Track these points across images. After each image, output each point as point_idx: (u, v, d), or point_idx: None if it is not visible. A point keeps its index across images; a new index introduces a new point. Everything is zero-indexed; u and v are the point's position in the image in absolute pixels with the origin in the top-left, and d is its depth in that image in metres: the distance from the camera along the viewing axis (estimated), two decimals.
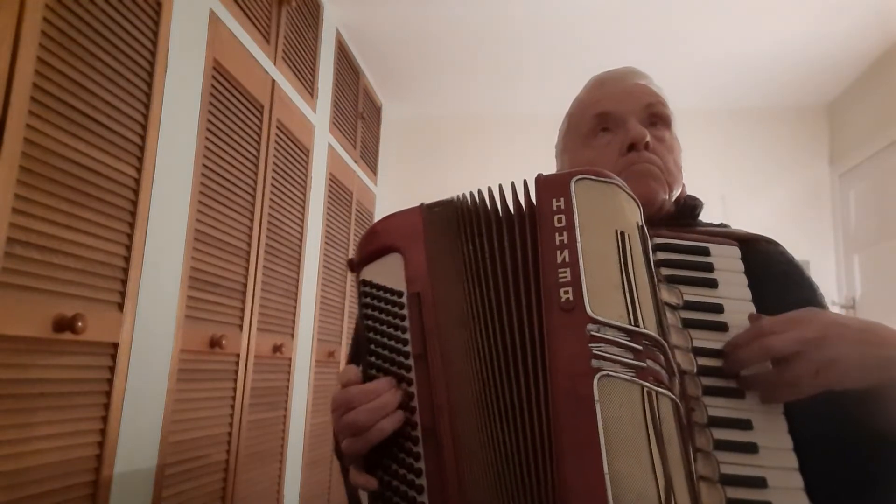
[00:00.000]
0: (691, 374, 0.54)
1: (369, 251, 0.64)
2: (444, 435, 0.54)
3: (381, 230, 0.65)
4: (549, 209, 0.55)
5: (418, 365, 0.57)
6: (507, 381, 0.53)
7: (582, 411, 0.47)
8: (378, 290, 0.62)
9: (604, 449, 0.45)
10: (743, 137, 3.33)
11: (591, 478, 0.45)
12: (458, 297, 0.58)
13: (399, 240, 0.63)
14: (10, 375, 0.99)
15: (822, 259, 3.14)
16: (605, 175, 0.57)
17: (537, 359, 0.51)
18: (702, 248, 0.61)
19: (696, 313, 0.57)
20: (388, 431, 0.56)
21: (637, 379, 0.48)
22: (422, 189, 3.48)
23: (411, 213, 0.64)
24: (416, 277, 0.60)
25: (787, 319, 0.54)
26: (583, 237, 0.53)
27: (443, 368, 0.56)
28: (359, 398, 0.57)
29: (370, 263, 0.64)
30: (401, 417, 0.56)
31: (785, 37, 2.68)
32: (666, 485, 0.45)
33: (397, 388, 0.57)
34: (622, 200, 0.57)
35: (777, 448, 0.52)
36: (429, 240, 0.62)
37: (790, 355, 0.52)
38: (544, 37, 2.78)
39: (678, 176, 0.79)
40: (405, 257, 0.62)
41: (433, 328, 0.58)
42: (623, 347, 0.49)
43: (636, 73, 0.84)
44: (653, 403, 0.47)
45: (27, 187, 1.00)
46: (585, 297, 0.50)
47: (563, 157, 0.88)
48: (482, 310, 0.57)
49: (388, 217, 0.66)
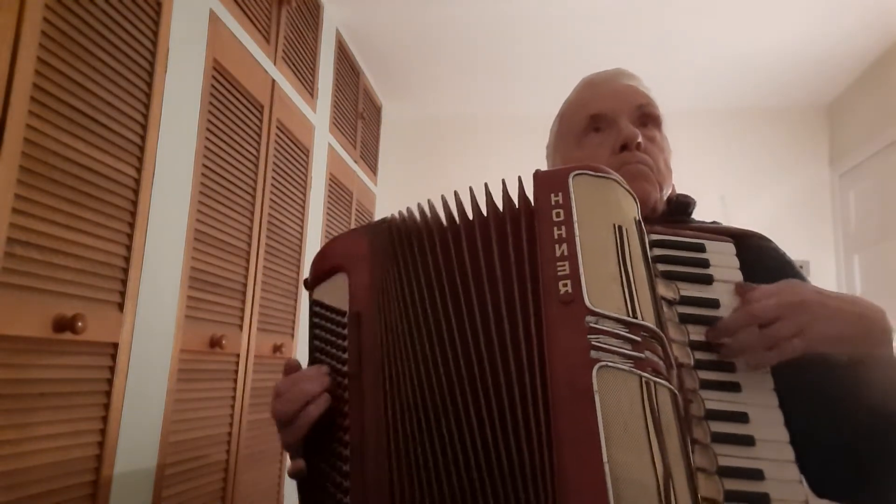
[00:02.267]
0: (688, 368, 0.55)
1: (320, 271, 0.67)
2: (369, 454, 0.56)
3: (329, 251, 0.67)
4: (548, 204, 0.56)
5: (353, 384, 0.59)
6: (489, 378, 0.53)
7: (581, 402, 0.47)
8: (325, 310, 0.65)
9: (603, 439, 0.45)
10: (743, 137, 3.33)
11: (590, 467, 0.45)
12: (411, 309, 0.59)
13: (344, 260, 0.65)
14: (10, 375, 0.99)
15: (822, 259, 3.14)
16: (603, 170, 0.58)
17: (533, 350, 0.51)
18: (697, 245, 0.61)
19: (692, 308, 0.58)
20: (314, 416, 0.58)
21: (636, 369, 0.48)
22: (422, 189, 3.47)
23: (357, 232, 0.67)
24: (358, 297, 0.62)
25: (770, 288, 0.56)
26: (581, 231, 0.54)
27: (376, 387, 0.58)
28: (286, 386, 0.59)
29: (321, 283, 0.66)
30: (326, 400, 0.58)
31: (785, 37, 2.68)
32: (665, 474, 0.45)
33: (326, 375, 0.60)
34: (620, 195, 0.57)
35: (773, 440, 0.53)
36: (374, 258, 0.63)
37: (772, 319, 0.54)
38: (544, 37, 2.78)
39: (668, 176, 0.80)
40: (349, 278, 0.64)
41: (372, 346, 0.60)
42: (621, 339, 0.49)
43: (626, 74, 0.85)
44: (651, 394, 0.48)
45: (27, 187, 1.00)
46: (584, 290, 0.51)
47: (554, 158, 0.89)
48: (443, 316, 0.57)
49: (337, 237, 0.68)
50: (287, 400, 0.59)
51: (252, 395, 1.83)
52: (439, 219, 0.62)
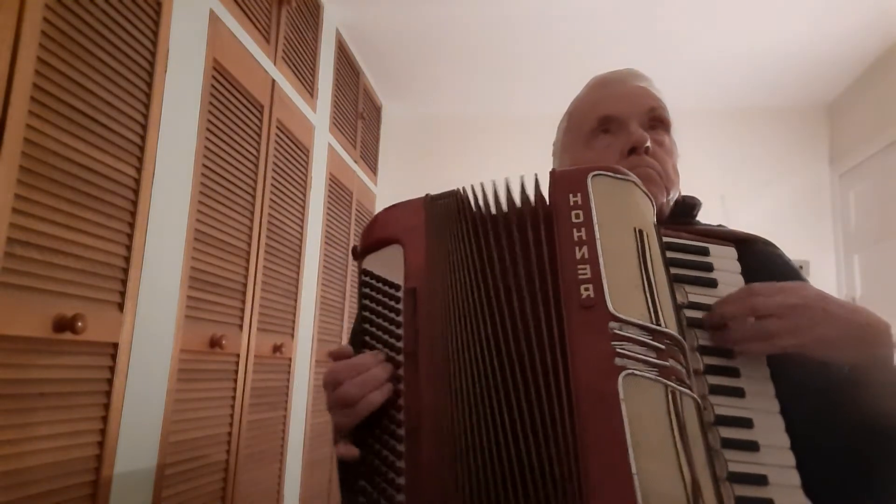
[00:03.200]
0: (699, 374, 0.54)
1: (372, 241, 0.64)
2: (424, 438, 0.54)
3: (383, 220, 0.64)
4: (566, 204, 0.55)
5: (409, 363, 0.57)
6: (519, 376, 0.52)
7: (607, 409, 0.46)
8: (377, 282, 0.62)
9: (630, 448, 0.45)
10: (743, 137, 3.33)
11: (618, 476, 0.44)
12: (461, 293, 0.57)
13: (400, 232, 0.62)
14: (10, 375, 0.99)
15: (822, 259, 3.13)
16: (621, 171, 0.57)
17: (556, 354, 0.51)
18: (701, 248, 0.61)
19: (698, 313, 0.57)
20: (377, 403, 0.56)
21: (661, 378, 0.48)
22: (422, 189, 3.44)
23: (414, 204, 0.64)
24: (415, 272, 0.59)
25: (775, 285, 0.56)
26: (602, 234, 0.53)
27: (433, 369, 0.56)
28: (347, 372, 0.57)
29: (372, 253, 0.63)
30: (390, 389, 0.56)
31: (785, 36, 2.68)
32: (693, 485, 0.45)
33: (386, 363, 0.58)
34: (638, 198, 0.56)
35: (776, 446, 0.52)
36: (430, 234, 0.61)
37: (769, 314, 0.54)
38: (545, 37, 2.78)
39: (676, 180, 0.80)
40: (405, 250, 0.61)
41: (428, 325, 0.57)
42: (646, 346, 0.49)
43: (638, 76, 0.84)
44: (677, 403, 0.47)
45: (27, 187, 1.00)
46: (607, 295, 0.50)
47: (562, 156, 0.88)
48: (487, 306, 0.56)
49: (392, 207, 0.65)
50: (354, 384, 0.56)
51: (252, 395, 1.83)
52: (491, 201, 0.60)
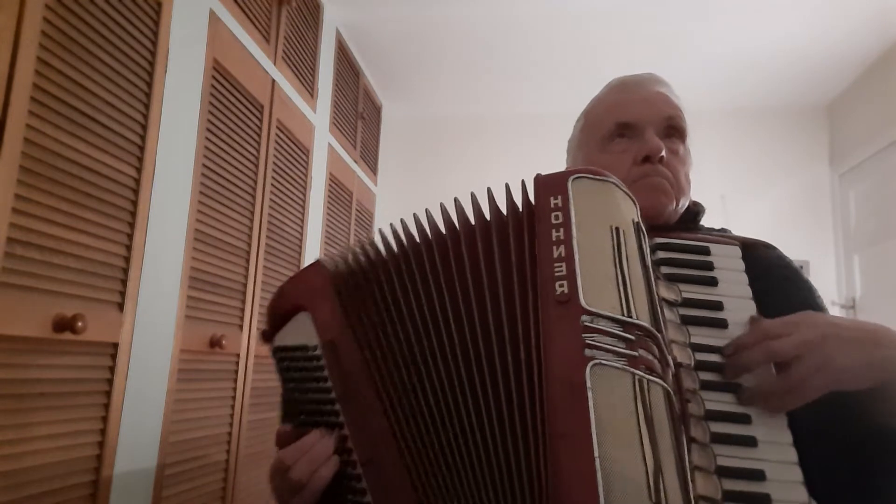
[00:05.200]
0: (688, 368, 0.55)
1: (278, 316, 0.66)
2: (386, 459, 0.56)
3: (285, 293, 0.67)
4: (548, 206, 0.57)
5: (345, 406, 0.59)
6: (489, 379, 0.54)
7: (574, 399, 0.48)
8: (293, 352, 0.64)
9: (595, 435, 0.46)
10: (743, 137, 3.33)
11: (581, 462, 0.46)
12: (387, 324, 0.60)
13: (303, 298, 0.65)
14: (10, 375, 0.99)
15: (822, 259, 3.14)
16: (602, 174, 0.59)
17: (531, 350, 0.52)
18: (702, 248, 0.62)
19: (695, 310, 0.58)
20: (326, 479, 0.57)
21: (629, 367, 0.49)
22: (422, 189, 3.48)
23: (311, 268, 0.67)
24: (328, 327, 0.62)
25: (788, 322, 0.55)
26: (578, 233, 0.55)
27: (372, 399, 0.58)
28: (292, 457, 0.58)
29: (281, 329, 0.66)
30: (336, 462, 0.58)
31: (785, 36, 2.68)
32: (655, 470, 0.46)
33: (328, 435, 0.59)
34: (618, 198, 0.58)
35: (776, 442, 0.53)
36: (336, 287, 0.64)
37: (792, 359, 0.53)
38: (545, 37, 2.78)
39: (687, 189, 0.81)
40: (313, 313, 0.64)
41: (356, 365, 0.60)
42: (615, 337, 0.50)
43: (658, 81, 0.84)
44: (644, 391, 0.48)
45: (27, 187, 1.00)
46: (580, 290, 0.52)
47: (576, 153, 0.89)
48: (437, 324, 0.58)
49: (290, 279, 0.68)
50: (301, 465, 0.57)
51: (252, 395, 1.83)
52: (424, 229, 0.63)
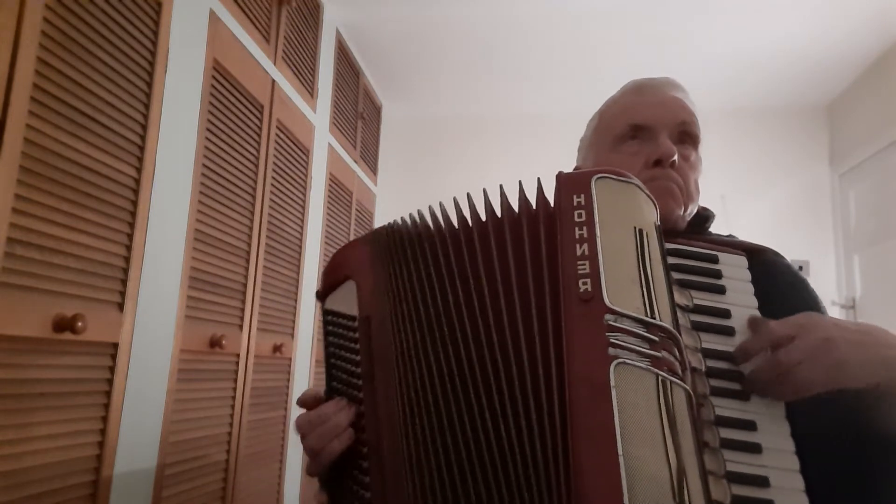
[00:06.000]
0: (700, 373, 0.56)
1: (330, 281, 0.69)
2: (385, 449, 0.57)
3: (337, 259, 0.70)
4: (570, 205, 0.57)
5: (366, 384, 0.61)
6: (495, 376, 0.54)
7: (598, 397, 0.48)
8: (337, 318, 0.67)
9: (618, 433, 0.46)
10: (742, 137, 3.33)
11: (605, 460, 0.46)
12: (416, 311, 0.60)
13: (351, 269, 0.68)
14: (10, 375, 0.99)
15: (822, 259, 3.14)
16: (625, 175, 0.59)
17: (549, 347, 0.52)
18: (711, 256, 0.62)
19: (704, 317, 0.59)
20: (337, 452, 0.60)
21: (652, 368, 0.49)
22: (422, 189, 3.48)
23: (360, 240, 0.69)
24: (366, 302, 0.64)
25: (791, 323, 0.56)
26: (602, 232, 0.55)
27: (388, 385, 0.59)
28: (309, 426, 0.62)
29: (332, 293, 0.69)
30: (350, 436, 0.60)
31: (785, 36, 2.68)
32: (679, 470, 0.46)
33: (348, 407, 0.61)
34: (641, 200, 0.58)
35: (780, 450, 0.53)
36: (375, 265, 0.66)
37: (796, 362, 0.54)
38: (545, 37, 2.78)
39: (696, 196, 0.81)
40: (357, 284, 0.66)
41: (382, 348, 0.61)
42: (639, 338, 0.50)
43: (674, 85, 0.85)
44: (667, 392, 0.48)
45: (27, 187, 1.00)
46: (604, 289, 0.52)
47: (588, 152, 0.89)
48: (448, 318, 0.58)
49: (345, 246, 0.71)
50: (316, 436, 0.61)
51: (252, 395, 1.83)
52: (441, 223, 0.63)
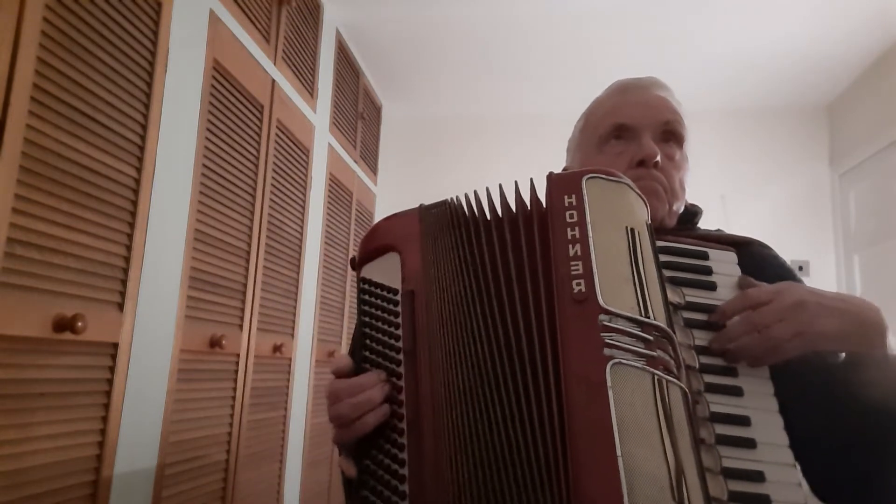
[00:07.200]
0: (694, 370, 0.56)
1: (369, 250, 0.67)
2: (426, 428, 0.56)
3: (381, 230, 0.67)
4: (561, 205, 0.57)
5: (408, 360, 0.59)
6: (511, 371, 0.54)
7: (595, 397, 0.48)
8: (375, 288, 0.65)
9: (616, 433, 0.47)
10: (742, 137, 3.33)
11: (604, 460, 0.46)
12: (456, 294, 0.60)
13: (397, 240, 0.65)
14: (10, 375, 0.99)
15: (822, 259, 3.13)
16: (615, 174, 0.59)
17: (546, 346, 0.52)
18: (701, 253, 0.63)
19: (697, 314, 0.59)
20: (371, 425, 0.58)
21: (648, 367, 0.49)
22: (422, 189, 3.48)
23: (409, 214, 0.67)
24: (412, 276, 0.62)
25: (770, 290, 0.58)
26: (594, 232, 0.55)
27: (431, 364, 0.58)
28: (346, 391, 0.59)
29: (370, 262, 0.67)
30: (385, 411, 0.58)
31: (785, 36, 2.68)
32: (677, 469, 0.46)
33: (385, 382, 0.59)
34: (631, 199, 0.58)
35: (774, 444, 0.54)
36: (425, 241, 0.64)
37: (772, 322, 0.56)
38: (545, 37, 2.78)
39: (681, 195, 0.81)
40: (402, 257, 0.64)
41: (425, 325, 0.60)
42: (634, 337, 0.51)
43: (659, 85, 0.85)
44: (663, 391, 0.49)
45: (27, 187, 1.00)
46: (598, 289, 0.52)
47: (575, 154, 0.89)
48: (480, 304, 0.58)
49: (389, 217, 0.68)
50: (349, 405, 0.58)
51: (252, 395, 1.83)
52: (483, 210, 0.63)
